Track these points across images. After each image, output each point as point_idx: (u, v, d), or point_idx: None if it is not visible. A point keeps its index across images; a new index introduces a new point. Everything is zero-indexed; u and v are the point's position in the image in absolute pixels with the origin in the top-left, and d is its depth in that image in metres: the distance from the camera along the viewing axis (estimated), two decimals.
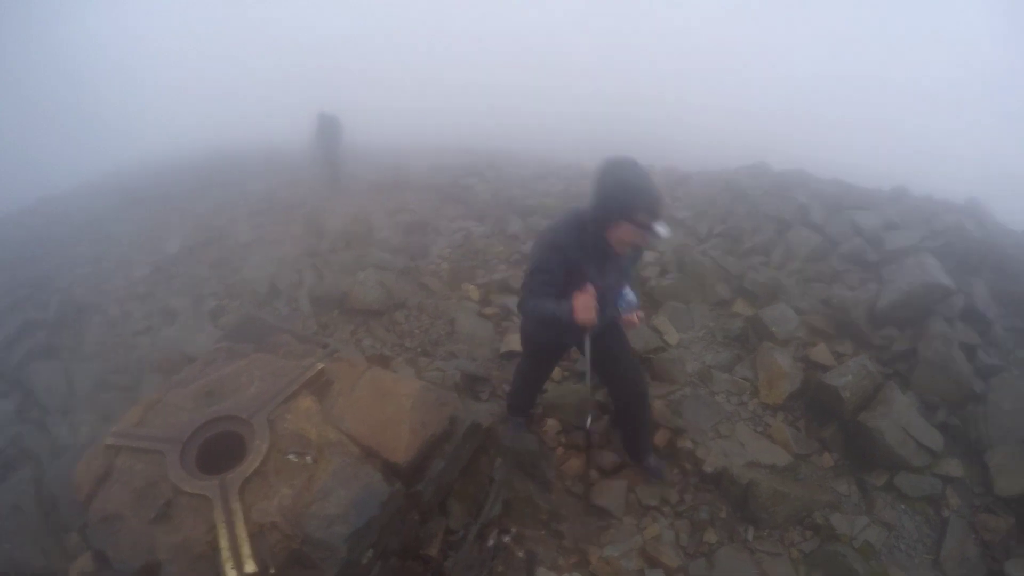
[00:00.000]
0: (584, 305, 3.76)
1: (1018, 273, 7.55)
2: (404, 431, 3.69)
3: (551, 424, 6.27)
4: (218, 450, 3.66)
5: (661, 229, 3.57)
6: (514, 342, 7.24)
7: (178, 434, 3.68)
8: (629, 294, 4.53)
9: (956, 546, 4.97)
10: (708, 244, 8.97)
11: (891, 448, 5.37)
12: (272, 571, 2.95)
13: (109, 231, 14.05)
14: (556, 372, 6.93)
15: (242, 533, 3.03)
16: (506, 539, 4.70)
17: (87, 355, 8.77)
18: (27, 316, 9.86)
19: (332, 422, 3.75)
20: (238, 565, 2.89)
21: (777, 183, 10.90)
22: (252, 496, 3.24)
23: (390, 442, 3.61)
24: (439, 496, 3.92)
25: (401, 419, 3.76)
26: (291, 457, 3.44)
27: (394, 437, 3.64)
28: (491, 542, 4.50)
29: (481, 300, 8.49)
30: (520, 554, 4.72)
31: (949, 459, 5.55)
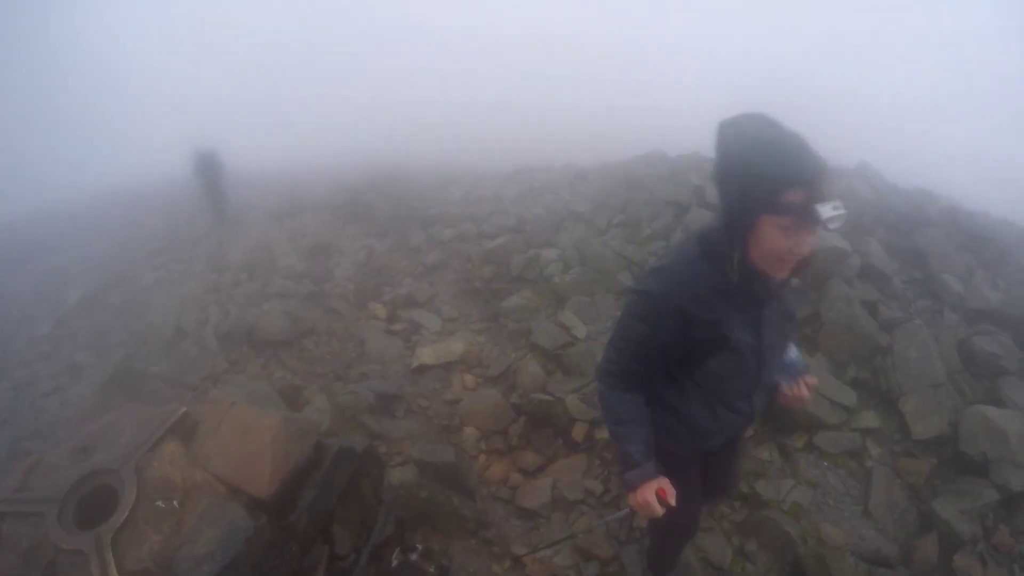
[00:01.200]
0: (643, 503, 2.59)
1: (910, 229, 7.82)
2: (265, 465, 3.66)
3: (469, 432, 6.28)
4: (94, 504, 3.61)
5: (829, 210, 2.19)
6: (425, 355, 7.23)
7: (55, 493, 3.62)
8: (794, 352, 3.00)
9: (883, 493, 5.14)
10: (608, 235, 9.07)
11: (806, 409, 5.50)
12: None
13: (6, 287, 13.58)
14: (470, 380, 6.93)
15: None
16: (413, 556, 4.67)
17: None
18: None
19: (200, 463, 3.72)
20: None
21: (672, 168, 11.08)
22: (124, 546, 3.21)
23: (253, 477, 3.59)
24: (318, 525, 3.90)
25: (262, 453, 3.73)
26: (159, 504, 3.41)
27: (256, 472, 3.62)
28: (395, 562, 4.48)
29: (388, 317, 8.44)
30: (431, 570, 4.70)
31: (865, 412, 5.74)
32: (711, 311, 2.44)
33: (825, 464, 5.41)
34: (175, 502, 3.39)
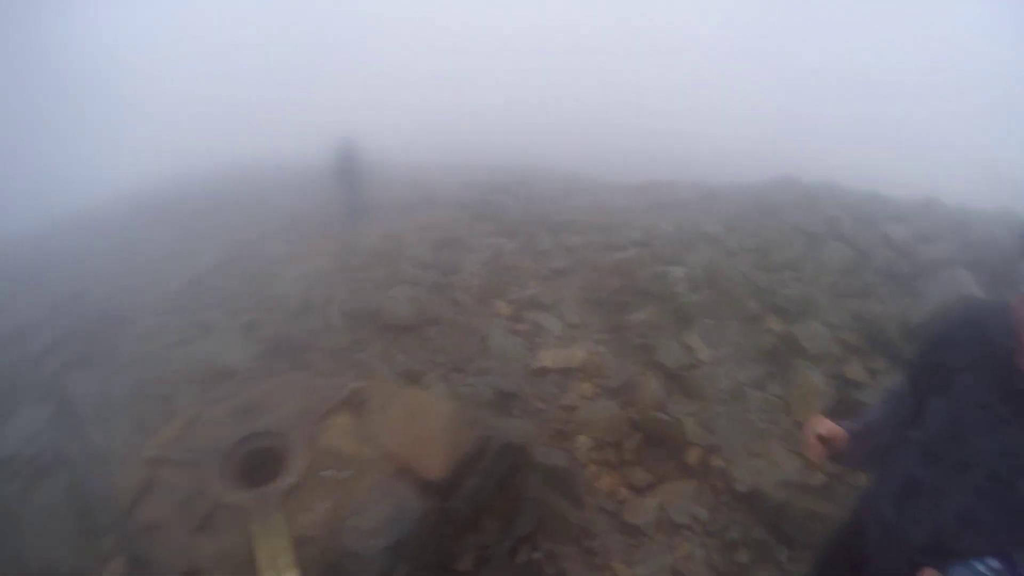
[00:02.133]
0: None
1: None
2: (438, 449, 3.78)
3: (583, 441, 6.29)
4: (256, 466, 3.77)
5: None
6: (546, 358, 7.29)
7: (218, 448, 3.82)
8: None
9: None
10: (738, 258, 8.95)
11: None
12: None
13: (143, 245, 14.25)
14: (588, 389, 6.96)
15: (281, 544, 3.14)
16: (537, 556, 4.73)
17: (122, 366, 8.90)
18: (62, 327, 10.09)
19: (367, 440, 3.84)
20: (277, 575, 2.99)
21: (806, 196, 10.87)
22: (292, 509, 3.36)
23: (424, 460, 3.70)
24: (473, 512, 3.99)
25: (435, 437, 3.85)
26: (329, 473, 3.53)
27: (428, 455, 3.73)
28: (522, 559, 4.55)
29: (512, 316, 8.52)
30: (551, 572, 4.76)
31: None
32: (951, 357, 2.07)
33: None
34: (345, 474, 3.52)
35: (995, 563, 1.74)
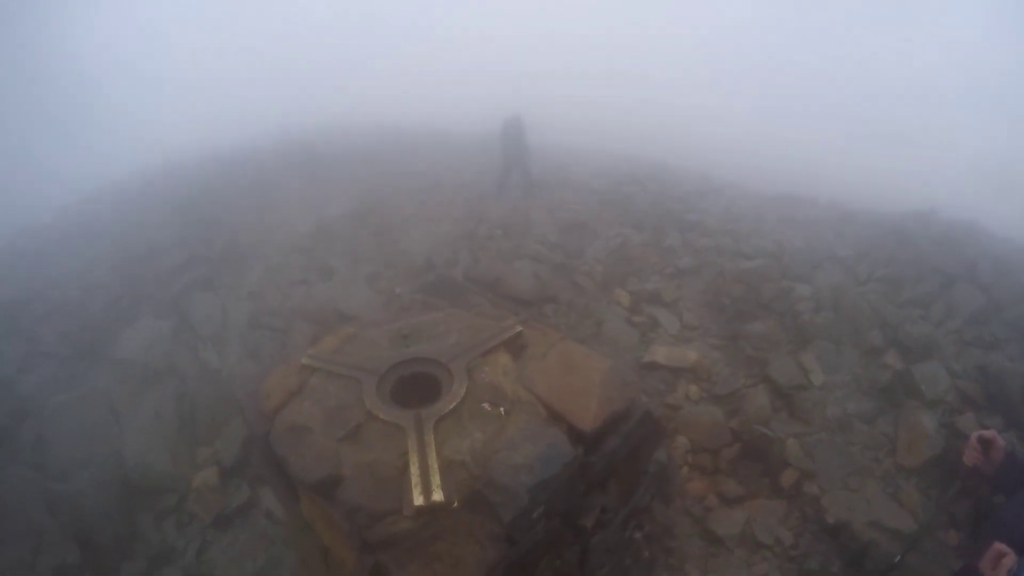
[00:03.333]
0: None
1: None
2: (592, 402, 3.90)
3: (681, 441, 6.42)
4: (412, 388, 4.04)
5: None
6: (659, 354, 7.40)
7: (376, 366, 4.09)
8: None
9: None
10: (867, 287, 8.80)
11: None
12: (455, 504, 3.21)
13: (278, 188, 14.80)
14: (695, 391, 7.05)
15: (433, 464, 3.32)
16: (639, 535, 4.90)
17: (244, 295, 9.47)
18: (193, 251, 10.69)
19: (524, 382, 4.04)
20: (426, 492, 3.18)
21: (946, 233, 10.53)
22: (445, 433, 3.56)
23: (577, 410, 3.84)
24: (605, 473, 4.12)
25: (590, 390, 3.98)
26: (485, 406, 3.75)
27: (582, 406, 3.87)
28: (629, 533, 4.72)
29: (631, 307, 8.65)
30: (646, 553, 4.93)
31: None
32: None
33: None
34: (501, 409, 3.74)
35: None
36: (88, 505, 6.23)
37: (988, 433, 2.95)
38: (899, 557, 3.74)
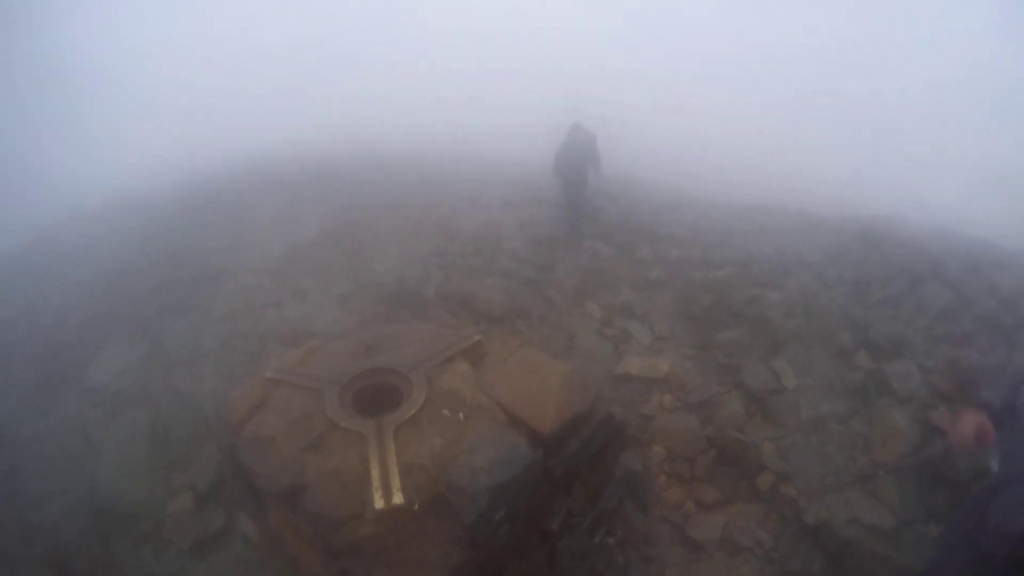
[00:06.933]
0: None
1: None
2: (550, 404, 3.91)
3: (657, 450, 6.41)
4: (373, 398, 4.03)
5: None
6: (631, 366, 7.39)
7: (338, 377, 4.09)
8: None
9: None
10: (836, 291, 8.87)
11: None
12: (416, 507, 3.20)
13: (250, 211, 14.70)
14: (669, 401, 7.04)
15: (393, 468, 3.33)
16: (611, 540, 4.87)
17: (217, 317, 9.36)
18: (166, 274, 10.63)
19: (483, 388, 4.04)
20: (386, 496, 3.19)
21: (912, 235, 10.64)
22: (405, 439, 3.56)
23: (536, 413, 3.86)
24: (568, 476, 4.10)
25: (548, 393, 4.00)
26: (445, 412, 3.76)
27: (540, 409, 3.88)
28: (597, 539, 4.68)
29: (602, 320, 8.65)
30: (620, 559, 4.89)
31: None
32: None
33: None
34: (460, 414, 3.74)
35: None
36: (64, 533, 6.12)
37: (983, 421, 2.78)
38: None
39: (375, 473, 3.30)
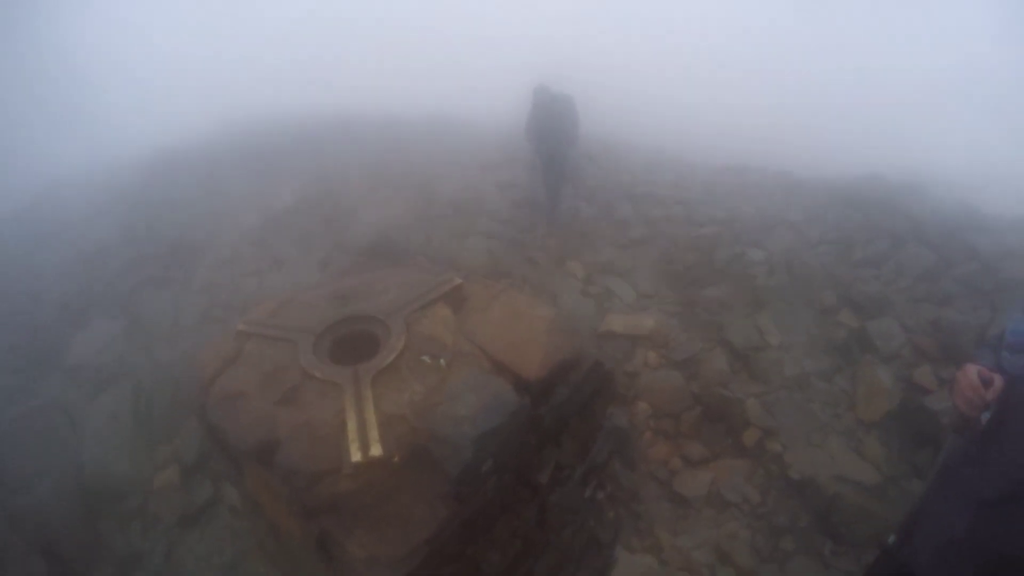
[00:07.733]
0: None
1: None
2: (537, 350, 3.73)
3: (642, 407, 6.39)
4: (350, 346, 3.85)
5: None
6: (615, 323, 7.36)
7: (312, 327, 3.90)
8: None
9: None
10: (819, 250, 8.85)
11: None
12: (396, 459, 3.05)
13: (225, 182, 14.46)
14: (654, 357, 7.01)
15: (371, 419, 3.16)
16: (601, 495, 4.83)
17: (195, 289, 9.29)
18: (142, 249, 10.53)
19: (465, 334, 3.85)
20: (364, 447, 3.02)
21: (892, 194, 10.64)
22: (384, 388, 3.38)
23: (522, 359, 3.67)
24: (557, 426, 3.97)
25: (534, 339, 3.82)
26: (425, 359, 3.57)
27: (526, 355, 3.70)
28: (587, 493, 4.62)
29: (585, 279, 8.60)
30: (611, 514, 4.87)
31: None
32: None
33: None
34: (442, 361, 3.56)
35: None
36: (51, 515, 6.04)
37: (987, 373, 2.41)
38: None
39: (352, 424, 3.14)
